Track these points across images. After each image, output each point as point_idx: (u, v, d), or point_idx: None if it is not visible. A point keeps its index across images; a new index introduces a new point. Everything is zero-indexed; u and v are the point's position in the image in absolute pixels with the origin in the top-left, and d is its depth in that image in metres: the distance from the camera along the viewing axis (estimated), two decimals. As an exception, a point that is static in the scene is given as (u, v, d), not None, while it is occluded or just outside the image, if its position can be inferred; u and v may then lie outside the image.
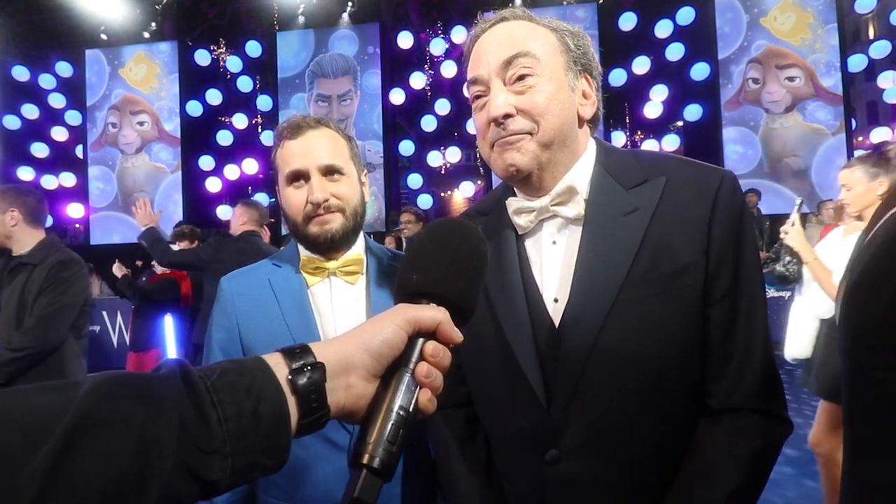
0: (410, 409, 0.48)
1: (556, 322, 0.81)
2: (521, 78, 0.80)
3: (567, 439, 0.79)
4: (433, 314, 0.51)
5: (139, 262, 8.12)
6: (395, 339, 0.49)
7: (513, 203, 0.88)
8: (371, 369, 0.48)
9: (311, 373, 0.45)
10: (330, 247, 1.10)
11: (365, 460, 0.45)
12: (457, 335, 0.52)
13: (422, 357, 0.50)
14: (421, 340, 0.51)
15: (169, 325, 4.24)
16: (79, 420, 0.35)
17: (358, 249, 1.17)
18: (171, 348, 4.25)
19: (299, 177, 1.08)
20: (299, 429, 0.45)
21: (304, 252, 1.14)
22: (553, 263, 0.85)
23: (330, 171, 1.09)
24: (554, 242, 0.86)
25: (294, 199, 1.09)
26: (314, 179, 1.07)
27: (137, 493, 0.35)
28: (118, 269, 4.19)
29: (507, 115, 0.80)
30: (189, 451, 0.38)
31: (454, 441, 0.95)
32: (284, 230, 3.99)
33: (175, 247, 3.85)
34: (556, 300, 0.83)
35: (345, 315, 1.11)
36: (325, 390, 0.45)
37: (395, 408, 0.47)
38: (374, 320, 0.51)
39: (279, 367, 0.45)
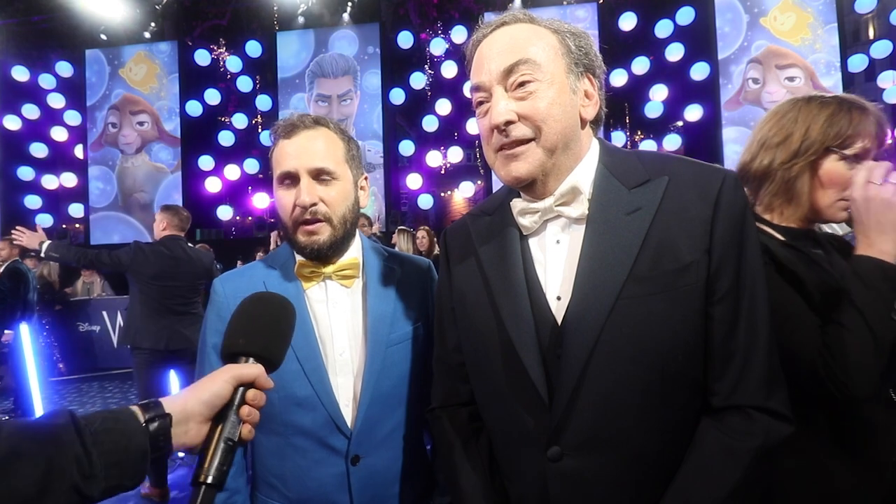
0: (236, 439, 0.67)
1: (559, 320, 0.82)
2: (522, 84, 0.81)
3: (569, 436, 0.79)
4: (252, 371, 0.72)
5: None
6: (224, 392, 0.69)
7: (517, 204, 0.89)
8: (205, 416, 0.68)
9: (160, 422, 0.64)
10: (317, 257, 1.09)
11: (201, 479, 0.63)
12: (269, 383, 0.73)
13: (244, 401, 0.70)
14: (242, 389, 0.70)
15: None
16: (4, 453, 0.54)
17: (354, 253, 1.15)
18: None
19: (289, 178, 1.07)
20: (150, 461, 0.64)
21: (298, 255, 1.13)
22: (556, 262, 0.85)
23: (320, 174, 1.06)
24: (557, 242, 0.86)
25: (284, 200, 1.08)
26: (303, 182, 1.05)
27: (41, 499, 0.54)
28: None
29: (509, 122, 0.81)
30: (78, 476, 0.57)
31: (457, 439, 0.96)
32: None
33: None
34: (558, 298, 0.83)
35: (341, 319, 1.11)
36: (170, 435, 0.65)
37: (225, 438, 0.66)
38: (208, 379, 0.70)
39: (140, 416, 0.64)
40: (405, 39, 8.74)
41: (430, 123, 8.59)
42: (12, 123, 9.27)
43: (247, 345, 0.74)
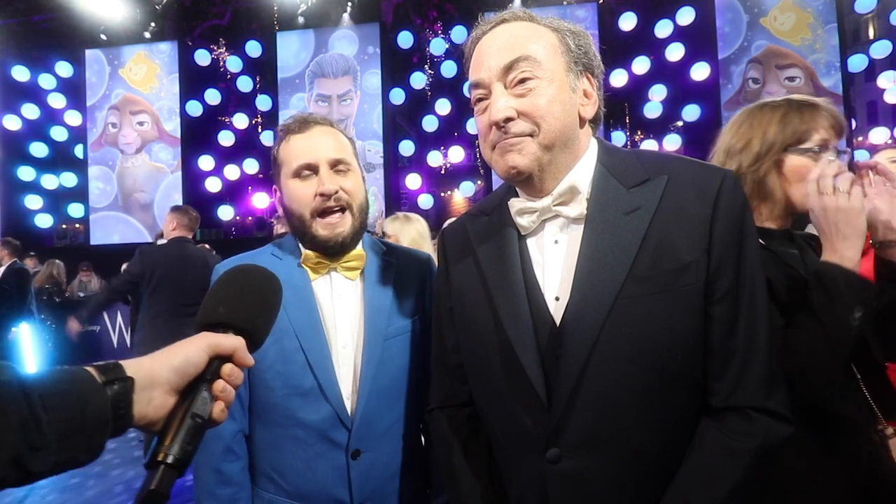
0: (206, 417, 0.58)
1: (558, 320, 0.81)
2: (521, 81, 0.81)
3: (568, 437, 0.79)
4: (232, 342, 0.63)
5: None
6: (198, 360, 0.60)
7: (515, 204, 0.88)
8: (174, 384, 0.58)
9: (120, 385, 0.53)
10: (339, 250, 1.09)
11: (160, 458, 0.53)
12: (250, 360, 0.64)
13: (218, 376, 0.61)
14: (218, 362, 0.61)
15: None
16: None
17: (360, 245, 1.17)
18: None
19: (308, 168, 1.08)
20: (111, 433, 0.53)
21: (308, 250, 1.12)
22: (555, 262, 0.85)
23: (338, 164, 1.09)
24: (556, 242, 0.86)
25: (301, 192, 1.08)
26: (323, 171, 1.07)
27: None
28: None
29: (509, 119, 0.80)
30: (21, 447, 0.46)
31: (456, 440, 0.95)
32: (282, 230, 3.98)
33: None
34: (557, 299, 0.83)
35: (345, 311, 1.11)
36: (132, 401, 0.54)
37: (193, 413, 0.57)
38: (181, 344, 0.60)
39: (97, 378, 0.52)
40: (405, 39, 8.74)
41: (430, 123, 8.59)
42: (12, 123, 9.27)
43: (227, 315, 0.66)
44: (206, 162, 9.14)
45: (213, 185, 9.08)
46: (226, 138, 9.11)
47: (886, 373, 1.08)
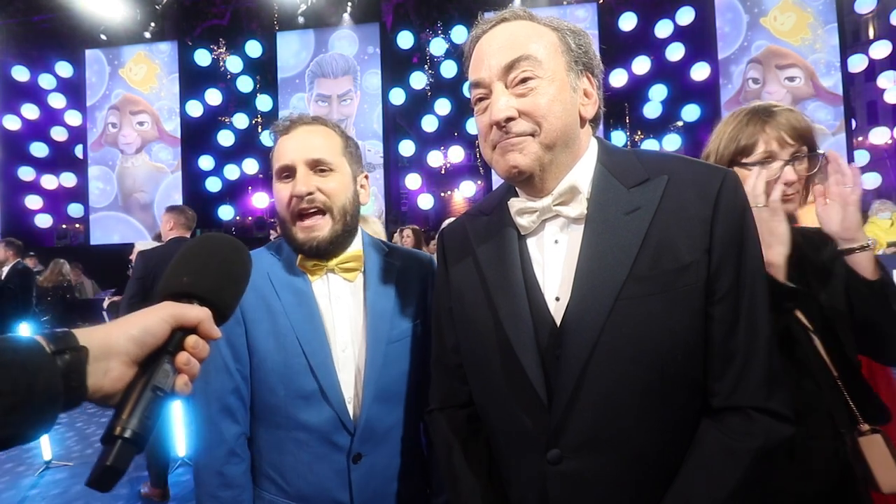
0: (167, 390, 0.54)
1: (558, 321, 0.81)
2: (522, 81, 0.80)
3: (568, 438, 0.79)
4: (197, 313, 0.59)
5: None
6: (159, 330, 0.55)
7: (515, 204, 0.88)
8: (133, 355, 0.54)
9: (72, 355, 0.49)
10: (315, 254, 1.08)
11: (117, 432, 0.49)
12: (216, 332, 0.60)
13: (181, 348, 0.57)
14: (181, 333, 0.57)
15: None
16: None
17: (357, 246, 1.16)
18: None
19: (287, 171, 1.07)
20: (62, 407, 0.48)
21: (298, 253, 1.12)
22: (555, 262, 0.85)
23: (318, 165, 1.07)
24: (556, 242, 0.86)
25: (281, 193, 1.08)
26: (300, 172, 1.06)
27: None
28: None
29: (510, 119, 0.80)
30: None
31: (456, 441, 0.95)
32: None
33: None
34: (557, 299, 0.83)
35: (343, 313, 1.10)
36: (86, 372, 0.50)
37: (152, 387, 0.53)
38: (141, 313, 0.56)
39: (46, 347, 0.48)
40: (405, 39, 8.75)
41: (429, 123, 8.59)
42: (12, 123, 9.27)
43: (191, 284, 0.62)
44: (206, 162, 9.14)
45: (213, 185, 9.08)
46: (226, 138, 9.11)
47: (861, 370, 1.10)
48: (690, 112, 7.89)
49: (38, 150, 9.31)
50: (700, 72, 7.82)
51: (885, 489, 1.01)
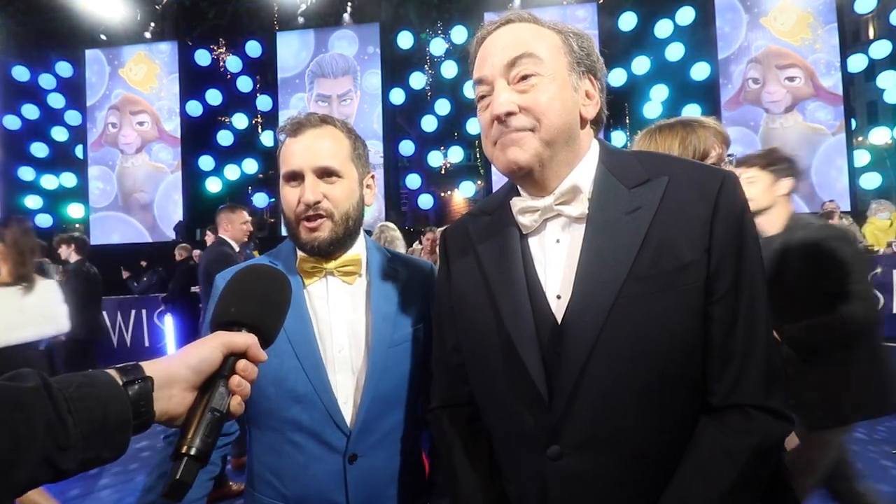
0: (224, 411, 0.62)
1: (559, 318, 0.82)
2: (524, 77, 0.81)
3: (569, 435, 0.79)
4: (245, 339, 0.66)
5: (143, 262, 8.12)
6: (213, 358, 0.63)
7: (517, 203, 0.89)
8: (191, 382, 0.62)
9: (140, 385, 0.57)
10: (318, 253, 1.10)
11: (184, 450, 0.57)
12: (262, 355, 0.68)
13: (234, 371, 0.64)
14: (233, 358, 0.65)
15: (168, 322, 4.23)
16: None
17: (357, 250, 1.16)
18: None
19: (295, 177, 1.08)
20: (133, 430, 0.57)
21: (300, 251, 1.14)
22: (556, 261, 0.85)
23: (325, 173, 1.08)
24: (557, 241, 0.86)
25: (289, 197, 1.09)
26: (308, 180, 1.07)
27: (6, 476, 0.47)
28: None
29: (510, 113, 0.81)
30: (51, 448, 0.50)
31: (457, 439, 0.96)
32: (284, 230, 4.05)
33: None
34: (558, 297, 0.83)
35: (341, 315, 1.11)
36: (152, 399, 0.58)
37: (211, 408, 0.61)
38: (196, 343, 0.64)
39: (118, 379, 0.56)
40: (405, 39, 8.75)
41: (429, 123, 8.60)
42: (12, 123, 9.28)
43: (238, 313, 0.70)
44: (206, 162, 9.15)
45: (212, 185, 9.09)
46: (225, 138, 9.12)
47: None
48: (690, 112, 7.90)
49: (38, 149, 9.32)
50: (700, 71, 7.84)
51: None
